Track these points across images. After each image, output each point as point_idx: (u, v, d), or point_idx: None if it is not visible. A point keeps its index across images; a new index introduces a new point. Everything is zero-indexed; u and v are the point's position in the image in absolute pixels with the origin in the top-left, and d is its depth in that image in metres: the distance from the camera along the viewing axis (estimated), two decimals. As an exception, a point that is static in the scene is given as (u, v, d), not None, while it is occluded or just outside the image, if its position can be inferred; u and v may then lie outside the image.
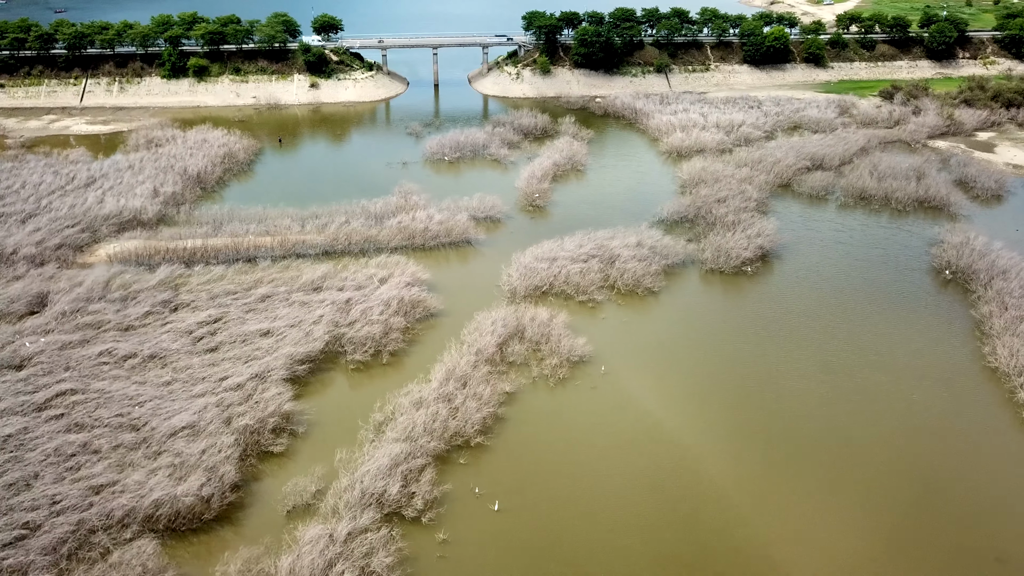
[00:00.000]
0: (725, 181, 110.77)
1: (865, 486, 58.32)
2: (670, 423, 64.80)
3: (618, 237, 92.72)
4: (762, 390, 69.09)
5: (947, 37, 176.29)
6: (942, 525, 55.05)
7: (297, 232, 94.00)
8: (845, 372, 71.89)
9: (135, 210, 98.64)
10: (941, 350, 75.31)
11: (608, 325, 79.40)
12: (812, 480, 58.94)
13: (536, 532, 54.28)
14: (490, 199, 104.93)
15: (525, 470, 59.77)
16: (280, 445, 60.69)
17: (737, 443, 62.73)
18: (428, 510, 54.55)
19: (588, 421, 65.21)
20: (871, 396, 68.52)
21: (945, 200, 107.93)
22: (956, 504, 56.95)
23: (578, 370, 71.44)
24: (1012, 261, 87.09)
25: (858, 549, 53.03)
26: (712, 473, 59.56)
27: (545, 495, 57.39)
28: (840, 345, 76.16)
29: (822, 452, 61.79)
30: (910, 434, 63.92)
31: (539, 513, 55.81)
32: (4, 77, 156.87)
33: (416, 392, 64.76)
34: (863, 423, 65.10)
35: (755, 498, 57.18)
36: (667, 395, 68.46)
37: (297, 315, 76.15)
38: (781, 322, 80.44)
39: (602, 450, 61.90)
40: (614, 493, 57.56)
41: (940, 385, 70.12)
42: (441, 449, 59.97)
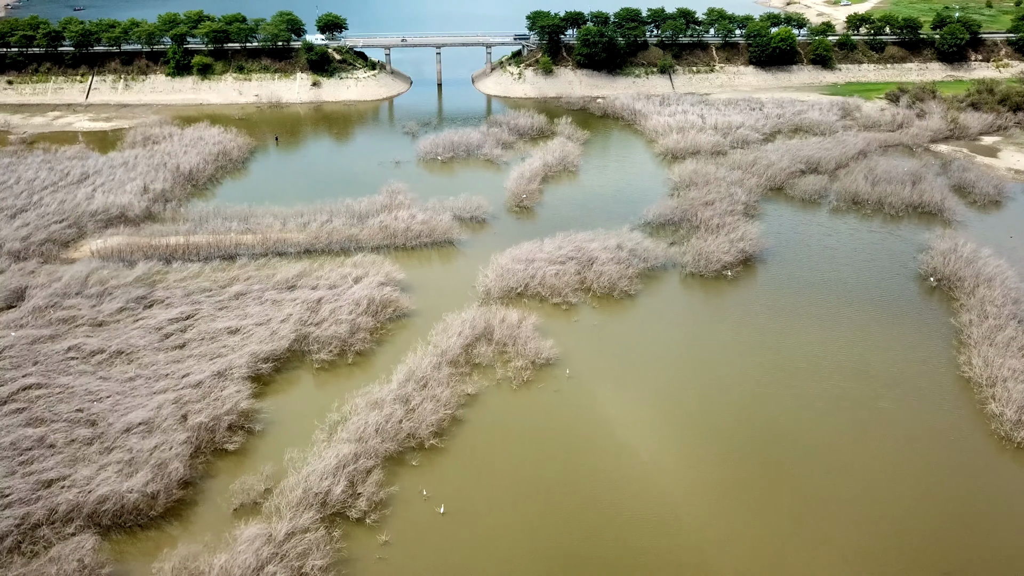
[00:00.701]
0: (715, 184, 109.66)
1: (818, 495, 57.36)
2: (628, 429, 64.17)
3: (598, 239, 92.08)
4: (726, 396, 68.25)
5: (958, 39, 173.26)
6: (895, 536, 53.97)
7: (279, 230, 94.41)
8: (814, 378, 70.81)
9: (122, 206, 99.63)
10: (917, 358, 73.95)
11: (580, 328, 78.89)
12: (763, 488, 58.06)
13: (480, 536, 54.02)
14: (476, 199, 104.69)
15: (477, 473, 59.50)
16: (235, 443, 60.91)
17: (693, 450, 62.01)
18: (372, 511, 54.47)
19: (546, 425, 64.79)
20: (837, 403, 67.44)
21: (939, 205, 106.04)
22: (911, 516, 55.81)
23: (544, 373, 71.01)
24: (998, 269, 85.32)
25: (805, 558, 52.16)
26: (663, 481, 58.89)
27: (494, 499, 57.09)
28: (813, 351, 75.06)
29: (777, 460, 60.85)
30: (872, 442, 62.79)
31: (486, 517, 55.51)
32: (12, 74, 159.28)
33: (375, 393, 64.71)
34: (824, 430, 64.08)
35: (703, 505, 56.46)
36: (630, 400, 67.81)
37: (267, 313, 76.47)
38: (755, 327, 79.47)
39: (556, 455, 61.46)
40: (563, 498, 57.11)
41: (911, 393, 68.84)
42: (393, 450, 59.88)
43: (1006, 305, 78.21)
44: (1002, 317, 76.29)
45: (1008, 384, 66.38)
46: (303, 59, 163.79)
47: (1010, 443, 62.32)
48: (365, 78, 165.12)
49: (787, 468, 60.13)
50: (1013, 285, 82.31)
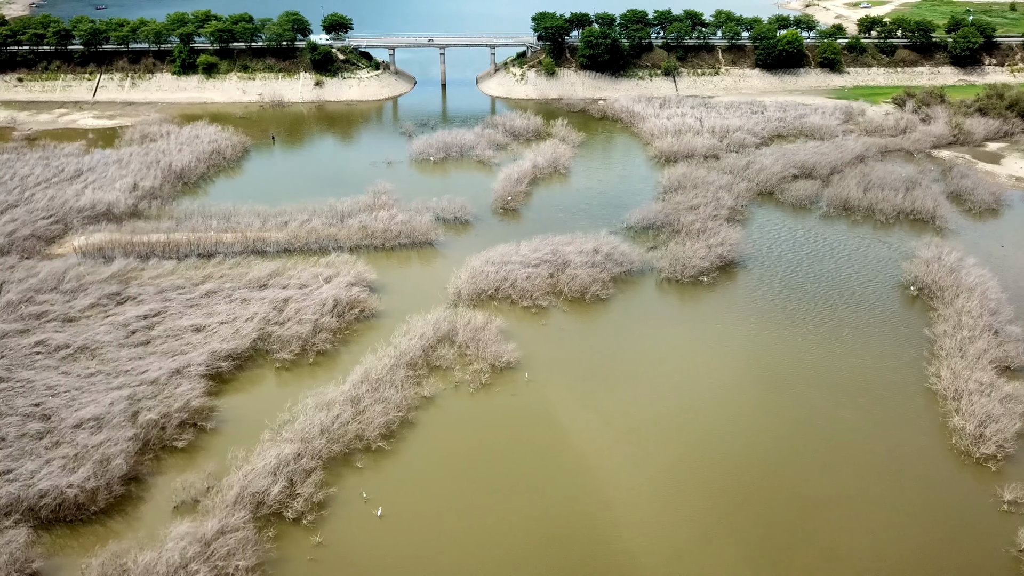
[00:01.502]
0: (703, 188, 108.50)
1: (763, 502, 56.41)
2: (580, 435, 63.63)
3: (575, 243, 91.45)
4: (681, 404, 67.36)
5: (971, 43, 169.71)
6: (835, 547, 52.89)
7: (257, 229, 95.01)
8: (777, 387, 69.71)
9: (109, 203, 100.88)
10: (886, 368, 72.48)
11: (547, 332, 78.41)
12: (706, 496, 57.22)
13: (417, 540, 53.82)
14: (459, 200, 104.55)
15: (422, 477, 59.34)
16: (184, 440, 61.35)
17: (641, 458, 61.26)
18: (309, 512, 54.54)
19: (498, 429, 64.46)
20: (794, 411, 66.37)
21: (932, 213, 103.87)
22: (858, 529, 54.64)
23: (504, 377, 70.66)
24: (981, 278, 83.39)
25: (737, 567, 51.32)
26: (607, 490, 58.29)
27: (436, 503, 56.89)
28: (781, 358, 73.95)
29: (725, 469, 59.92)
30: (827, 453, 61.63)
31: (425, 521, 55.31)
32: (23, 71, 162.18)
33: (327, 393, 64.78)
34: (778, 439, 63.03)
35: (643, 516, 55.80)
36: (586, 406, 67.22)
37: (234, 312, 76.95)
38: (724, 334, 78.48)
39: (504, 460, 61.13)
40: (507, 505, 56.78)
41: (875, 404, 67.49)
42: (338, 452, 59.93)
43: (983, 316, 76.38)
44: (977, 328, 74.51)
45: (972, 398, 64.80)
46: (307, 59, 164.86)
47: (969, 458, 60.81)
48: (368, 78, 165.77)
49: (735, 476, 59.23)
50: (993, 296, 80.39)
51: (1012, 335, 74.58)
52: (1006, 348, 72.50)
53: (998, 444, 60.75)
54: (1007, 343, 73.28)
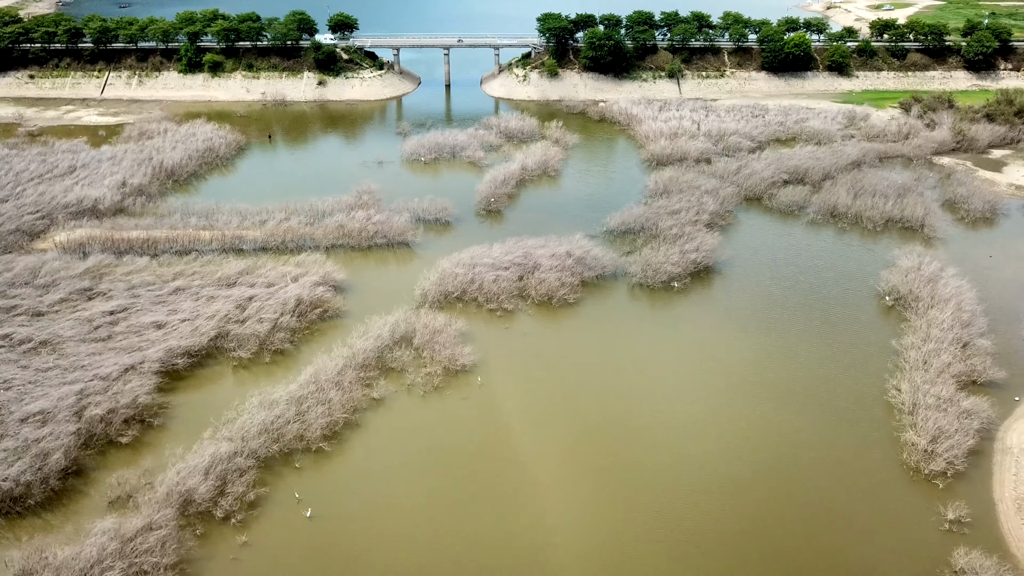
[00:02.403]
0: (689, 192, 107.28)
1: (699, 516, 55.52)
2: (524, 442, 63.16)
3: (549, 246, 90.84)
4: (631, 413, 66.54)
5: (985, 47, 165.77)
6: (779, 557, 51.88)
7: (235, 227, 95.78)
8: (734, 397, 68.61)
9: (95, 200, 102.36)
10: (850, 379, 71.00)
11: (509, 335, 78.04)
12: (644, 507, 56.45)
13: (345, 542, 53.83)
14: (441, 201, 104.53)
15: (359, 479, 59.36)
16: (129, 436, 61.98)
17: (583, 468, 60.68)
18: (239, 512, 54.78)
19: (443, 433, 64.22)
20: (750, 422, 65.26)
21: (921, 221, 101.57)
22: (799, 542, 53.54)
23: (457, 380, 70.44)
24: (958, 289, 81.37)
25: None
26: (545, 498, 57.81)
27: (368, 506, 56.87)
28: (742, 368, 72.78)
29: (669, 479, 59.09)
30: (778, 465, 60.48)
31: (355, 523, 55.31)
32: (34, 68, 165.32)
33: (273, 393, 65.05)
34: (729, 450, 62.01)
35: (577, 526, 55.23)
36: (534, 412, 66.73)
37: (197, 309, 77.58)
38: (688, 341, 77.52)
39: (444, 464, 60.91)
40: (441, 509, 56.52)
41: (831, 416, 66.15)
42: (276, 451, 60.13)
43: (953, 328, 74.47)
44: (945, 341, 72.68)
45: (927, 412, 63.18)
46: (311, 58, 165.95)
47: (918, 474, 59.32)
48: (370, 78, 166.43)
49: (677, 487, 58.39)
50: (968, 307, 78.40)
51: (981, 348, 72.68)
52: (972, 362, 70.69)
53: (948, 461, 59.20)
54: (975, 357, 71.45)
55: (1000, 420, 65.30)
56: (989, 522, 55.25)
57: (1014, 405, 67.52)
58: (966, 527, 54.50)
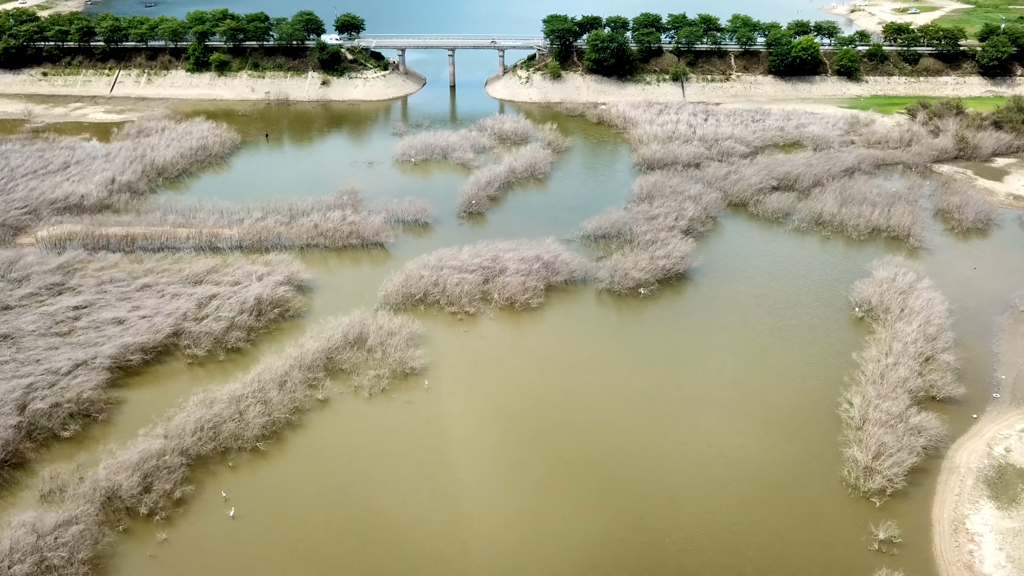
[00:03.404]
0: (672, 197, 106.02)
1: (632, 529, 54.76)
2: (462, 448, 62.84)
3: (520, 249, 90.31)
4: (574, 423, 65.73)
5: (1001, 52, 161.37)
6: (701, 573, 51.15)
7: (211, 225, 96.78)
8: (681, 408, 67.58)
9: (81, 196, 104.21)
10: (804, 391, 69.58)
11: (466, 339, 77.79)
12: (574, 517, 55.83)
13: (266, 542, 54.04)
14: (420, 203, 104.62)
15: (289, 480, 59.53)
16: (71, 430, 62.88)
17: (517, 478, 60.18)
18: (164, 509, 55.25)
19: (382, 436, 64.21)
20: (695, 434, 64.27)
21: (907, 230, 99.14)
22: (724, 561, 52.57)
23: (406, 383, 70.38)
24: (929, 302, 79.26)
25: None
26: (471, 506, 57.47)
27: (295, 507, 56.96)
28: (698, 378, 71.76)
29: (602, 490, 58.38)
30: (712, 478, 59.42)
31: (280, 523, 55.47)
32: (48, 66, 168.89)
33: (215, 391, 65.51)
34: (668, 462, 61.10)
35: (502, 540, 54.81)
36: (477, 418, 66.37)
37: (160, 306, 78.46)
38: (645, 349, 76.59)
39: (377, 466, 60.88)
40: (367, 514, 56.49)
41: (778, 429, 64.86)
42: (210, 450, 60.54)
43: (917, 342, 72.53)
44: (905, 355, 70.80)
45: (874, 428, 61.58)
46: (315, 58, 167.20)
47: (856, 491, 57.81)
48: (374, 78, 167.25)
49: (609, 499, 57.70)
50: (937, 321, 76.31)
51: (943, 364, 70.72)
52: (932, 377, 68.77)
53: (888, 479, 57.65)
54: (935, 372, 69.53)
55: (953, 438, 63.46)
56: (922, 543, 53.68)
57: (971, 423, 65.61)
58: (896, 548, 53.00)
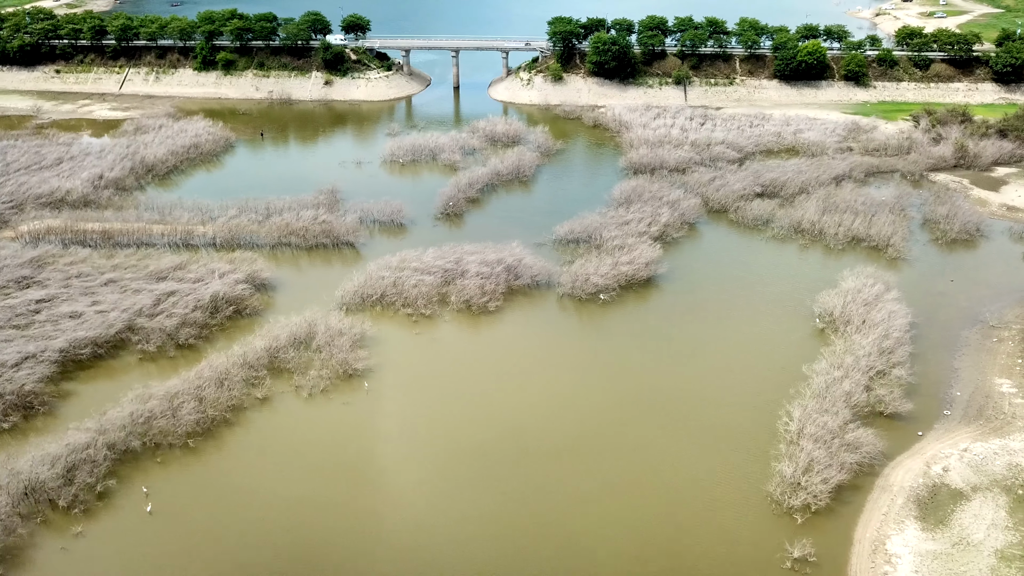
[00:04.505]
0: (651, 202, 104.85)
1: (537, 532, 54.23)
2: (393, 453, 62.75)
3: (484, 252, 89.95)
4: (508, 430, 65.16)
5: (1015, 58, 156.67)
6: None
7: (185, 222, 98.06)
8: (625, 417, 66.70)
9: (66, 191, 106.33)
10: (747, 404, 68.08)
11: (417, 341, 77.74)
12: (494, 523, 55.43)
13: (179, 538, 54.49)
14: (396, 203, 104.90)
15: (214, 477, 60.00)
16: (9, 422, 64.07)
17: (445, 486, 59.88)
18: (83, 502, 56.01)
19: (314, 436, 64.34)
20: (631, 445, 63.41)
21: (887, 240, 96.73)
22: (626, 571, 51.80)
23: (349, 384, 70.51)
24: (890, 315, 77.20)
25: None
26: (395, 513, 57.37)
27: (215, 505, 57.37)
28: (641, 386, 70.74)
29: (519, 494, 57.93)
30: (642, 490, 58.54)
31: (195, 522, 55.91)
32: (61, 63, 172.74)
33: (154, 387, 66.28)
34: (595, 470, 60.39)
35: (427, 550, 54.63)
36: (413, 422, 66.20)
37: (119, 301, 79.57)
38: (597, 357, 75.78)
39: (303, 468, 60.97)
40: (285, 515, 56.50)
41: (715, 441, 63.66)
42: (138, 445, 61.24)
43: (870, 355, 70.70)
44: (856, 369, 69.03)
45: (807, 443, 60.12)
46: (320, 58, 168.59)
47: (779, 507, 56.47)
48: (376, 79, 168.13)
49: (532, 507, 57.20)
50: (895, 334, 74.33)
51: (894, 379, 68.85)
52: (880, 392, 66.96)
53: (813, 495, 56.21)
54: (885, 386, 67.70)
55: (892, 455, 61.69)
56: (837, 563, 52.24)
57: (915, 440, 63.73)
58: (809, 567, 51.67)
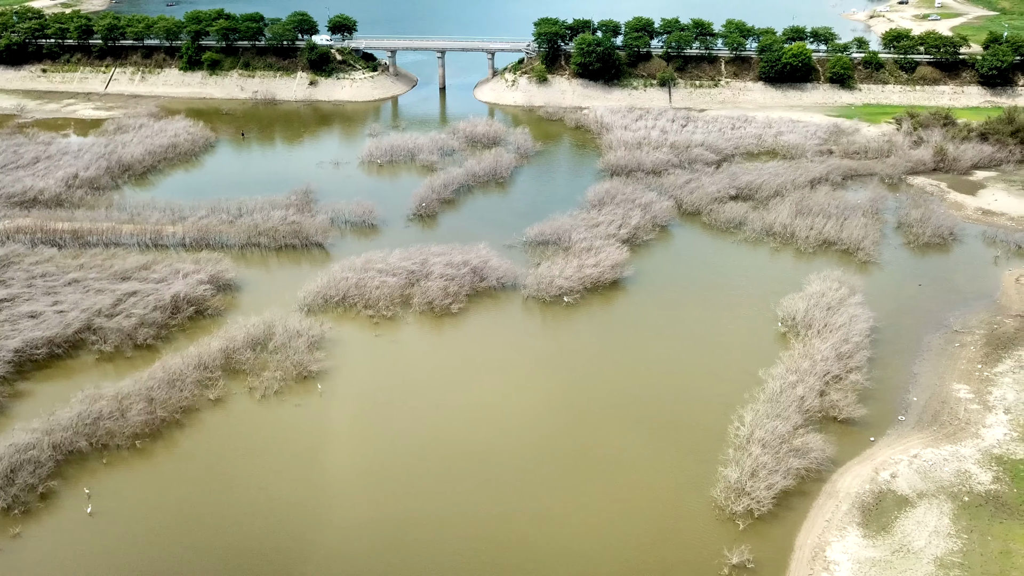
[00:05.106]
0: (623, 205, 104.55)
1: (473, 526, 54.01)
2: (338, 458, 62.44)
3: (451, 254, 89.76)
4: (458, 435, 64.80)
5: (1001, 61, 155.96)
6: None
7: (155, 222, 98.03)
8: (577, 420, 66.35)
9: (39, 191, 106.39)
10: (701, 408, 67.70)
11: (376, 343, 77.62)
12: (424, 521, 55.23)
13: (119, 540, 54.38)
14: (367, 204, 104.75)
15: (158, 479, 59.84)
16: (-44, 422, 64.09)
17: (383, 483, 59.72)
18: (23, 503, 55.93)
19: (261, 440, 64.16)
20: (581, 447, 63.12)
21: (857, 244, 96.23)
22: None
23: (303, 385, 70.33)
24: (852, 319, 76.75)
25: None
26: (334, 508, 57.17)
27: (157, 507, 57.20)
28: (594, 390, 70.36)
29: (463, 496, 57.69)
30: (586, 492, 58.24)
31: (136, 523, 55.79)
32: (48, 63, 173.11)
33: (104, 387, 66.19)
34: (541, 472, 60.13)
35: (370, 538, 54.44)
36: (361, 427, 65.92)
37: (79, 300, 79.53)
38: (555, 358, 75.55)
39: (247, 471, 60.81)
40: (227, 520, 56.38)
41: (666, 445, 63.40)
42: (84, 446, 61.12)
43: (827, 360, 70.28)
44: (812, 373, 68.63)
45: (755, 448, 59.77)
46: (305, 58, 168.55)
47: (721, 513, 56.14)
48: (361, 79, 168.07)
49: (468, 496, 56.98)
50: (855, 339, 73.89)
51: (851, 383, 68.47)
52: (834, 397, 66.57)
53: (756, 501, 55.84)
54: (840, 391, 67.29)
55: (842, 461, 61.31)
56: (777, 569, 51.88)
57: (866, 445, 63.33)
58: (746, 573, 51.32)
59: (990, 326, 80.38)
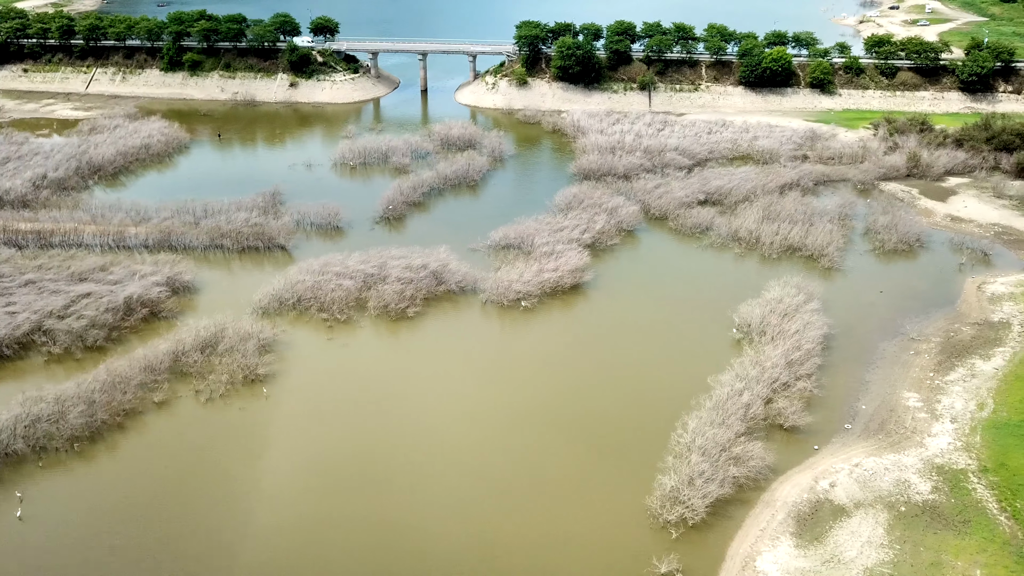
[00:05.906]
0: (588, 209, 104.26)
1: (399, 538, 53.69)
2: (276, 463, 61.97)
3: (411, 257, 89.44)
4: (399, 443, 64.31)
5: (982, 67, 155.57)
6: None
7: (117, 223, 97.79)
8: (510, 425, 65.94)
9: (3, 191, 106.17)
10: (647, 415, 67.19)
11: (327, 347, 77.30)
12: (354, 527, 54.91)
13: (47, 544, 54.01)
14: (332, 206, 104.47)
15: (94, 483, 59.55)
16: None
17: (323, 486, 59.36)
18: (-47, 506, 55.70)
19: (202, 443, 63.76)
20: (519, 453, 62.67)
21: (822, 250, 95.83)
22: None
23: (249, 389, 69.99)
24: (806, 326, 76.33)
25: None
26: (259, 516, 56.80)
27: (89, 512, 56.83)
28: (539, 396, 69.92)
29: (394, 500, 57.34)
30: (523, 499, 57.85)
31: (69, 529, 55.46)
32: (29, 62, 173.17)
33: (46, 389, 65.87)
34: (478, 480, 59.72)
35: (299, 542, 54.12)
36: (304, 433, 65.42)
37: (31, 302, 79.19)
38: (506, 365, 75.17)
39: (183, 474, 60.40)
40: (162, 524, 55.86)
41: (608, 452, 62.93)
42: (22, 448, 60.81)
43: (776, 367, 69.87)
44: (760, 381, 68.23)
45: (694, 456, 59.36)
46: (286, 60, 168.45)
47: (655, 521, 55.70)
48: (341, 81, 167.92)
49: (396, 499, 56.62)
50: (806, 346, 73.45)
51: (799, 391, 68.07)
52: (780, 405, 66.14)
53: (691, 509, 55.42)
54: (786, 399, 66.88)
55: (783, 469, 60.89)
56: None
57: (810, 454, 62.90)
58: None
59: (947, 334, 79.95)
